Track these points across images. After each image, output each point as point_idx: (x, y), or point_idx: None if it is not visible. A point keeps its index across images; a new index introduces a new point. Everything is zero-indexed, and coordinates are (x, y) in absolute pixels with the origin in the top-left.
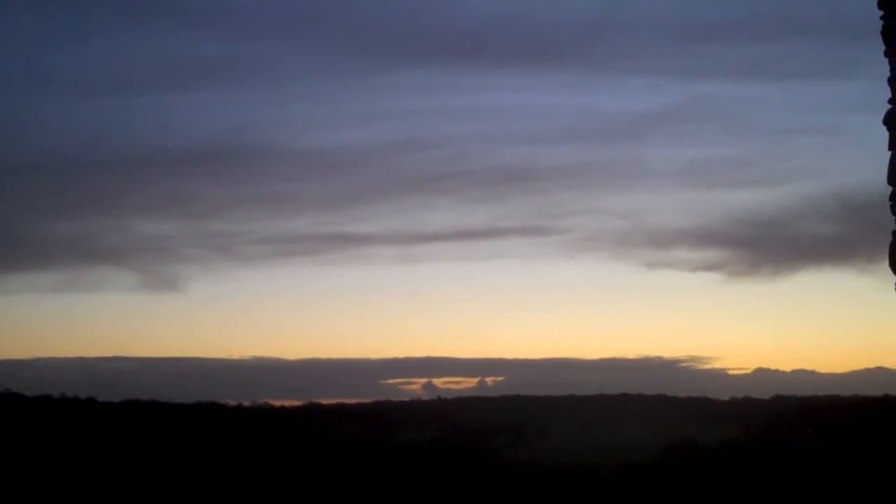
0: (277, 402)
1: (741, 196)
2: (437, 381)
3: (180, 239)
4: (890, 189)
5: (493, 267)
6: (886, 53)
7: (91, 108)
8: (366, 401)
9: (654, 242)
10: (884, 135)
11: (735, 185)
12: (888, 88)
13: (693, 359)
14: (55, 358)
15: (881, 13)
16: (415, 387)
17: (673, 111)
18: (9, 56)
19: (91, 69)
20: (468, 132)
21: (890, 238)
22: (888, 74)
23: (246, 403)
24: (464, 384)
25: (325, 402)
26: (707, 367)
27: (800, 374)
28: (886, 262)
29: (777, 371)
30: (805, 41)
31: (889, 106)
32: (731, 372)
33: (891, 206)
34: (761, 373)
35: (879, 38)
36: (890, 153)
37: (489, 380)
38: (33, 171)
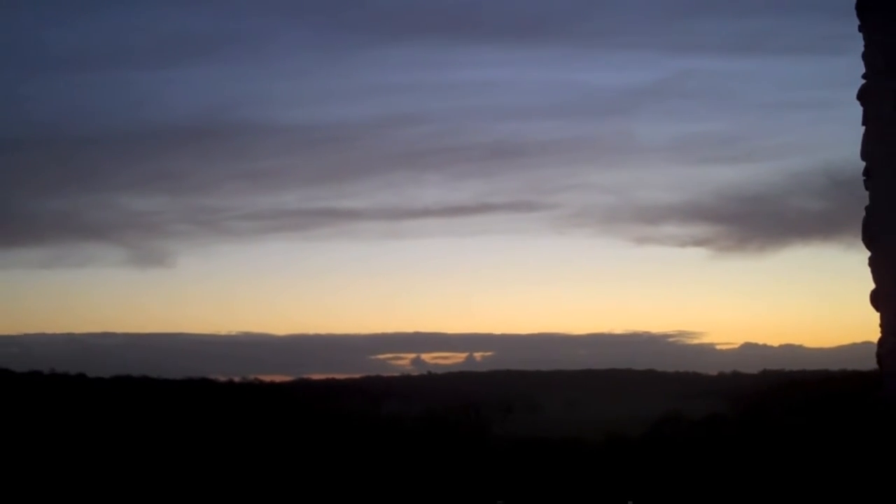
0: (267, 378)
1: (730, 171)
2: (425, 357)
3: (168, 215)
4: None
5: (482, 242)
6: (860, 28)
7: (78, 83)
8: (355, 376)
9: (643, 218)
10: None
11: (723, 160)
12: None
13: (681, 334)
14: (43, 334)
15: None
16: (404, 362)
17: (661, 86)
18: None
19: (78, 45)
20: (457, 107)
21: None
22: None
23: (236, 379)
24: (452, 359)
25: (315, 377)
26: (695, 342)
27: (787, 348)
28: None
29: (765, 346)
30: (794, 16)
31: (863, 81)
32: (718, 347)
33: (864, 181)
34: (749, 347)
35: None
36: (864, 128)
37: (478, 355)
38: (20, 147)
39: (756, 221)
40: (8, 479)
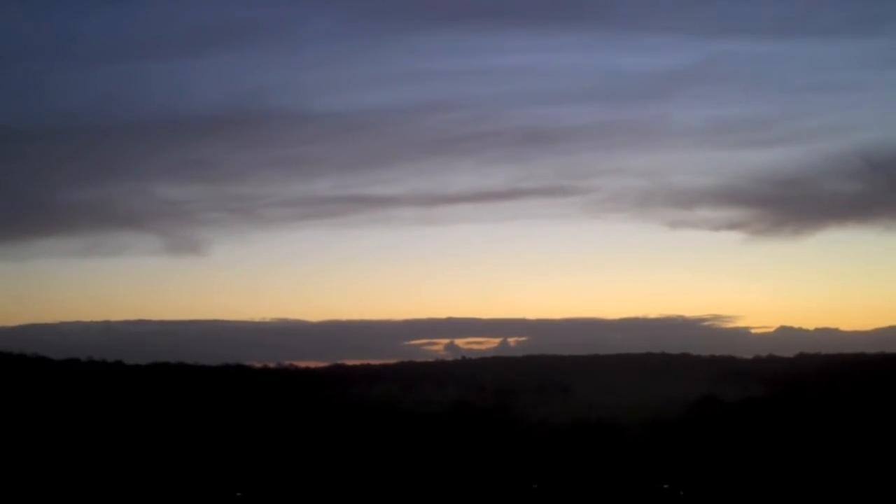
0: (302, 364)
1: (764, 155)
2: (459, 342)
3: (201, 203)
4: None
5: (515, 228)
6: None
7: (111, 73)
8: (390, 361)
9: (677, 202)
10: None
11: (757, 143)
12: None
13: (716, 317)
14: (80, 322)
15: None
16: (437, 347)
17: (695, 70)
18: (29, 23)
19: (110, 35)
20: (490, 93)
21: None
22: None
23: (272, 365)
24: (486, 344)
25: (349, 363)
26: (730, 325)
27: (823, 332)
28: None
29: (800, 329)
30: None
31: None
32: (753, 330)
33: None
34: (784, 331)
35: None
36: None
37: (512, 340)
38: (55, 138)
39: (791, 204)
40: (50, 465)
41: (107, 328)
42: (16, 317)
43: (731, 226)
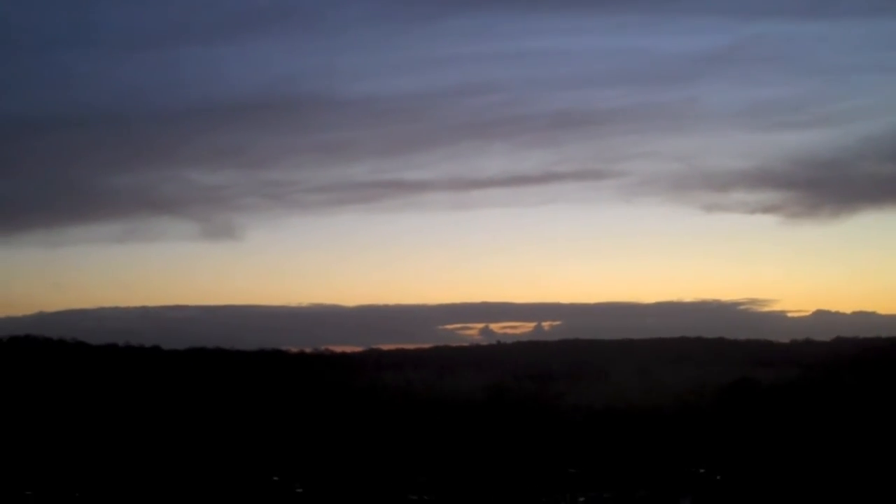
0: (338, 349)
1: (799, 137)
2: (494, 326)
3: (236, 188)
4: None
5: (549, 211)
6: None
7: (146, 60)
8: (425, 346)
9: (712, 185)
10: None
11: (793, 125)
12: None
13: (751, 301)
14: (118, 307)
15: None
16: (472, 332)
17: (730, 51)
18: (63, 12)
19: (144, 22)
20: (522, 76)
21: None
22: None
23: (307, 350)
24: (521, 329)
25: (384, 347)
26: (766, 309)
27: (860, 315)
28: None
29: (837, 313)
30: None
31: None
32: (790, 314)
33: None
34: (821, 315)
35: None
36: None
37: (546, 324)
38: (92, 125)
39: (827, 187)
40: (91, 449)
41: (144, 313)
42: (54, 303)
43: (767, 209)
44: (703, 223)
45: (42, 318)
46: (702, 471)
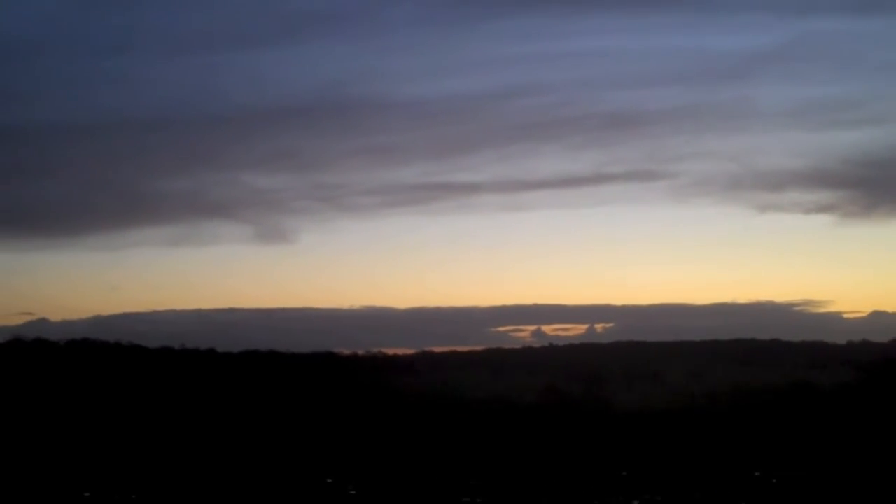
0: (390, 351)
1: (855, 135)
2: (546, 329)
3: (289, 191)
4: None
5: (601, 213)
6: None
7: (197, 64)
8: (477, 348)
9: (766, 185)
10: None
11: (849, 124)
12: None
13: (806, 302)
14: (172, 311)
15: None
16: (524, 334)
17: (783, 50)
18: (120, 17)
19: (195, 26)
20: (573, 77)
21: None
22: None
23: (360, 352)
24: (573, 331)
25: (436, 349)
26: (821, 310)
27: None
28: None
29: (894, 314)
30: None
31: None
32: (846, 315)
33: None
34: (878, 315)
35: None
36: None
37: (598, 326)
38: (146, 129)
39: (883, 186)
40: (148, 451)
41: (198, 316)
42: (110, 306)
43: (822, 208)
44: (757, 223)
45: (98, 321)
46: (757, 474)
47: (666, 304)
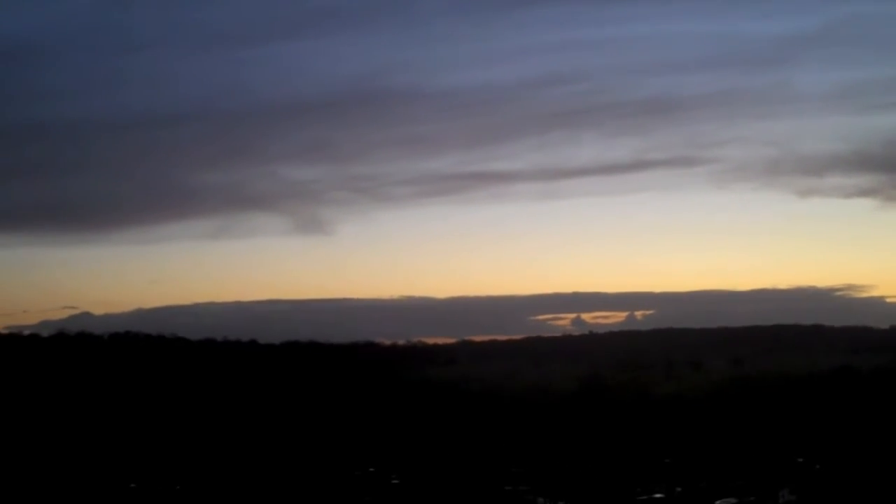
0: (430, 340)
1: (894, 118)
2: (585, 316)
3: (326, 183)
4: None
5: (640, 200)
6: None
7: (235, 59)
8: (516, 337)
9: (806, 169)
10: None
11: (888, 106)
12: None
13: (849, 287)
14: (213, 303)
15: None
16: (564, 322)
17: (822, 32)
18: (156, 11)
19: (232, 19)
20: (610, 64)
21: None
22: None
23: (400, 342)
24: (613, 318)
25: (476, 339)
26: (864, 295)
27: None
28: None
29: None
30: None
31: None
32: (889, 300)
33: None
34: None
35: None
36: None
37: (638, 313)
38: (184, 123)
39: None
40: (192, 441)
41: (239, 308)
42: (152, 299)
43: (863, 192)
44: (798, 208)
45: (140, 314)
46: (800, 460)
47: (706, 290)
